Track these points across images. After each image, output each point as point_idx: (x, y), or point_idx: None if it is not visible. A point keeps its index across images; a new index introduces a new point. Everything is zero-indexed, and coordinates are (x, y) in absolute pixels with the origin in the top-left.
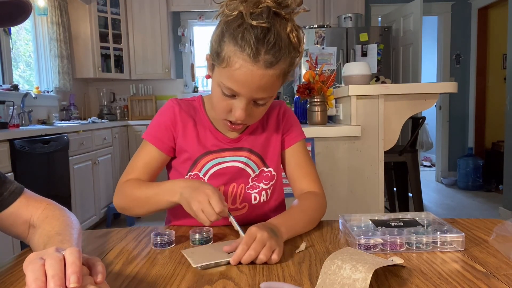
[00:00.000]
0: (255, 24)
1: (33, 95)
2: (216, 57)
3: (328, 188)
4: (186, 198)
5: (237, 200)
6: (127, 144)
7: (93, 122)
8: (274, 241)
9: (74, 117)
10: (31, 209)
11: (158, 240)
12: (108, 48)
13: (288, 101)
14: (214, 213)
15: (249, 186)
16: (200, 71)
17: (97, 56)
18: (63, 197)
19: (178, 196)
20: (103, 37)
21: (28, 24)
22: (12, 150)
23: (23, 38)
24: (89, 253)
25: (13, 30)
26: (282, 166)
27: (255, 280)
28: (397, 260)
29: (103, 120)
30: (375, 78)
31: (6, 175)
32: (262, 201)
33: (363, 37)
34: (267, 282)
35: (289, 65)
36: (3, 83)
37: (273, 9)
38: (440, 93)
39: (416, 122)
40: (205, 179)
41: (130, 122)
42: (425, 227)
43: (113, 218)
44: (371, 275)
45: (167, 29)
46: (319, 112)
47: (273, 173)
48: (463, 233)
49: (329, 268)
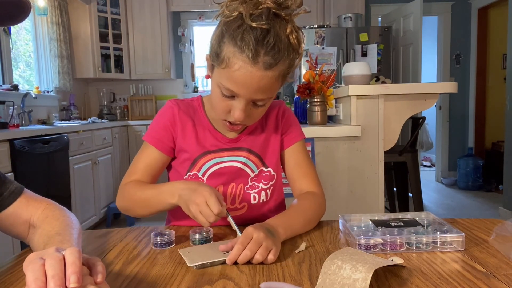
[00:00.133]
0: (255, 26)
1: (33, 95)
2: (216, 58)
3: (328, 188)
4: (185, 200)
5: (236, 200)
6: (127, 144)
7: (93, 122)
8: (271, 241)
9: (74, 117)
10: (31, 209)
11: (158, 240)
12: (108, 48)
13: (288, 101)
14: (212, 215)
15: (248, 186)
16: (200, 71)
17: (97, 56)
18: (63, 197)
19: (177, 198)
20: (103, 37)
21: (28, 24)
22: (12, 150)
23: (23, 38)
24: (89, 253)
25: (13, 30)
26: (282, 166)
27: (255, 280)
28: (397, 260)
29: (103, 120)
30: (375, 78)
31: (6, 175)
32: (262, 201)
33: (363, 37)
34: (267, 282)
35: (289, 67)
36: (3, 83)
37: (273, 10)
38: (440, 93)
39: (416, 122)
40: (204, 179)
41: (130, 122)
42: (425, 227)
43: (113, 218)
44: (371, 275)
45: (167, 29)
46: (319, 112)
47: (273, 173)
48: (463, 233)
49: (329, 268)
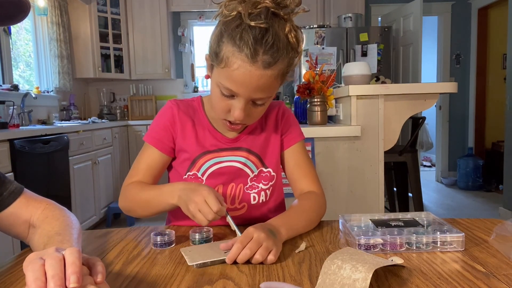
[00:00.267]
0: (254, 25)
1: (33, 95)
2: (215, 58)
3: (328, 188)
4: (184, 200)
5: (236, 200)
6: (127, 144)
7: (93, 122)
8: (271, 242)
9: (74, 117)
10: (31, 209)
11: (158, 240)
12: (108, 48)
13: (288, 101)
14: (211, 212)
15: (248, 186)
16: (200, 71)
17: (97, 56)
18: (63, 197)
19: (177, 199)
20: (103, 37)
21: (28, 24)
22: (12, 150)
23: (23, 38)
24: (89, 253)
25: (13, 30)
26: (282, 167)
27: (255, 280)
28: (397, 260)
29: (103, 120)
30: (375, 78)
31: (6, 175)
32: (261, 202)
33: (363, 37)
34: (267, 282)
35: (288, 66)
36: (3, 83)
37: (272, 10)
38: (440, 93)
39: (416, 122)
40: (203, 179)
41: (130, 122)
42: (425, 227)
43: (113, 218)
44: (371, 275)
45: (167, 29)
46: (319, 112)
47: (272, 174)
48: (463, 233)
49: (329, 268)
